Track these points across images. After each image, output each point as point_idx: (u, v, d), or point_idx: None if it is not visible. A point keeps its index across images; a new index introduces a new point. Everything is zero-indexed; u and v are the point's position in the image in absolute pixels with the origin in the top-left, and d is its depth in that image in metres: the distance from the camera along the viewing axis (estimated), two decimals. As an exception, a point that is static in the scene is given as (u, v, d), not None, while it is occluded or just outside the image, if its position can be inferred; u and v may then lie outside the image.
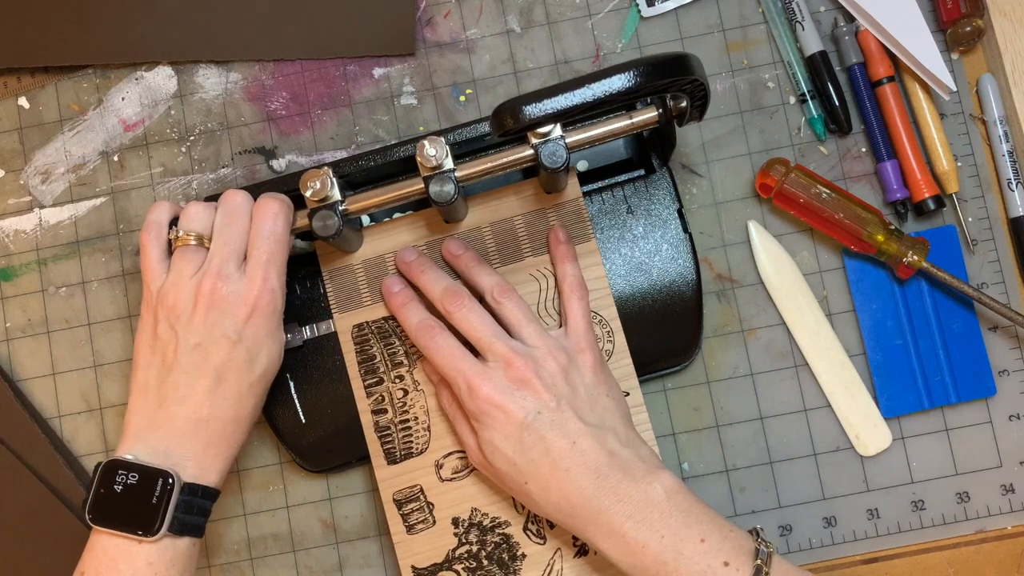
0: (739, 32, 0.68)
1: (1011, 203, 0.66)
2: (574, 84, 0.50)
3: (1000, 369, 0.65)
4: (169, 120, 0.70)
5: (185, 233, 0.58)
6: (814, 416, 0.66)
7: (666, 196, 0.64)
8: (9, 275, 0.70)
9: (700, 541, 0.52)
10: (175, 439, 0.56)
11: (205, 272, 0.57)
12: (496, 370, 0.57)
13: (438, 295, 0.60)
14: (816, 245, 0.67)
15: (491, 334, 0.58)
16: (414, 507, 0.62)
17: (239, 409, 0.57)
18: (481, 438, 0.57)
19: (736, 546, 0.53)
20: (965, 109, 0.67)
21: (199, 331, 0.56)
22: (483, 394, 0.56)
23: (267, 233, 0.58)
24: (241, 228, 0.58)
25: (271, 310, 0.58)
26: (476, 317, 0.59)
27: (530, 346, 0.58)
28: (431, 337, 0.59)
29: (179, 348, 0.56)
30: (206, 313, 0.56)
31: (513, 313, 0.59)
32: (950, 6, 0.66)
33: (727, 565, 0.52)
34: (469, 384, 0.57)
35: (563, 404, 0.56)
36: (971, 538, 0.65)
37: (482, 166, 0.59)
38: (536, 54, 0.69)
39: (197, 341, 0.56)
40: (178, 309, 0.57)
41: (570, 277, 0.61)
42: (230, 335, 0.56)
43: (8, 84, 0.71)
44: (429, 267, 0.62)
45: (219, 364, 0.56)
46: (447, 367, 0.58)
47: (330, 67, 0.70)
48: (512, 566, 0.61)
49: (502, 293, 0.60)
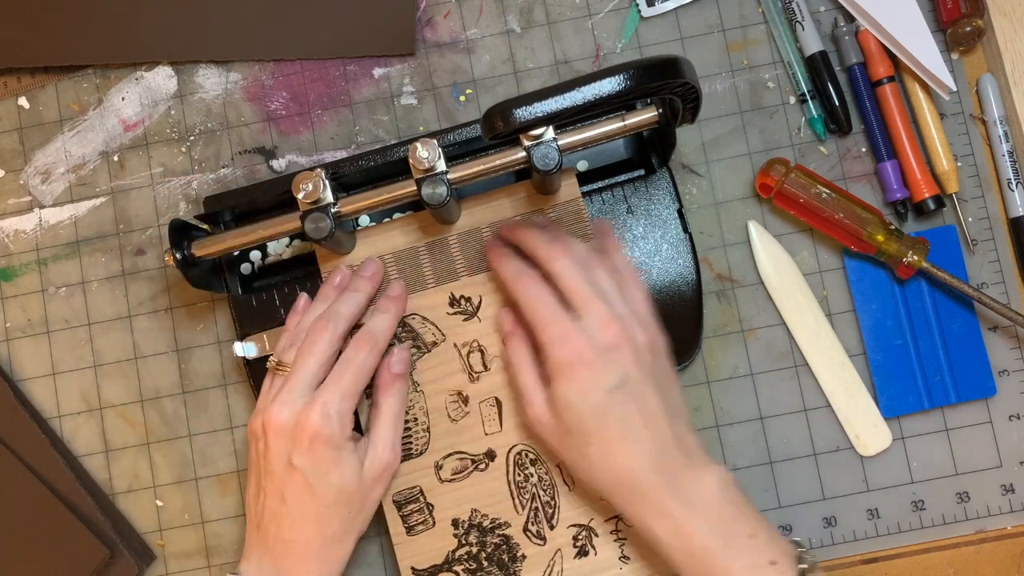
0: (739, 32, 0.68)
1: (1011, 203, 0.66)
2: (564, 87, 0.50)
3: (1000, 369, 0.65)
4: (169, 120, 0.70)
5: (277, 363, 0.60)
6: (814, 416, 0.66)
7: (666, 196, 0.64)
8: (9, 275, 0.70)
9: (749, 536, 0.53)
10: (273, 558, 0.58)
11: (274, 397, 0.58)
12: (591, 328, 0.56)
13: (542, 244, 0.59)
14: (816, 245, 0.67)
15: (592, 291, 0.57)
16: (414, 508, 0.62)
17: (322, 529, 0.57)
18: (556, 391, 0.56)
19: (784, 549, 0.53)
20: (965, 109, 0.67)
21: (268, 457, 0.58)
22: (576, 347, 0.55)
23: (353, 366, 0.58)
24: (323, 355, 0.58)
25: (327, 437, 0.57)
26: (579, 271, 0.58)
27: (622, 314, 0.57)
28: (527, 285, 0.58)
29: (261, 472, 0.59)
30: (271, 439, 0.57)
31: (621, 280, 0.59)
32: (950, 6, 0.66)
33: (773, 564, 0.52)
34: (564, 334, 0.56)
35: (647, 378, 0.56)
36: (971, 538, 0.65)
37: (474, 168, 0.59)
38: (536, 54, 0.69)
39: (267, 467, 0.58)
40: (256, 434, 0.59)
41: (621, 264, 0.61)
42: (286, 462, 0.57)
43: (8, 84, 0.71)
44: (532, 227, 0.61)
45: (282, 489, 0.57)
46: (541, 314, 0.57)
47: (330, 67, 0.70)
48: (512, 567, 0.61)
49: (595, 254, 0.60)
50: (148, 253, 0.69)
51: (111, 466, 0.68)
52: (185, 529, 0.67)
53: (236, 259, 0.67)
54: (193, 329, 0.68)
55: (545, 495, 0.62)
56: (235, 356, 0.65)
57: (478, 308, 0.63)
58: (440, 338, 0.63)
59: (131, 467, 0.68)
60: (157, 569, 0.67)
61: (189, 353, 0.68)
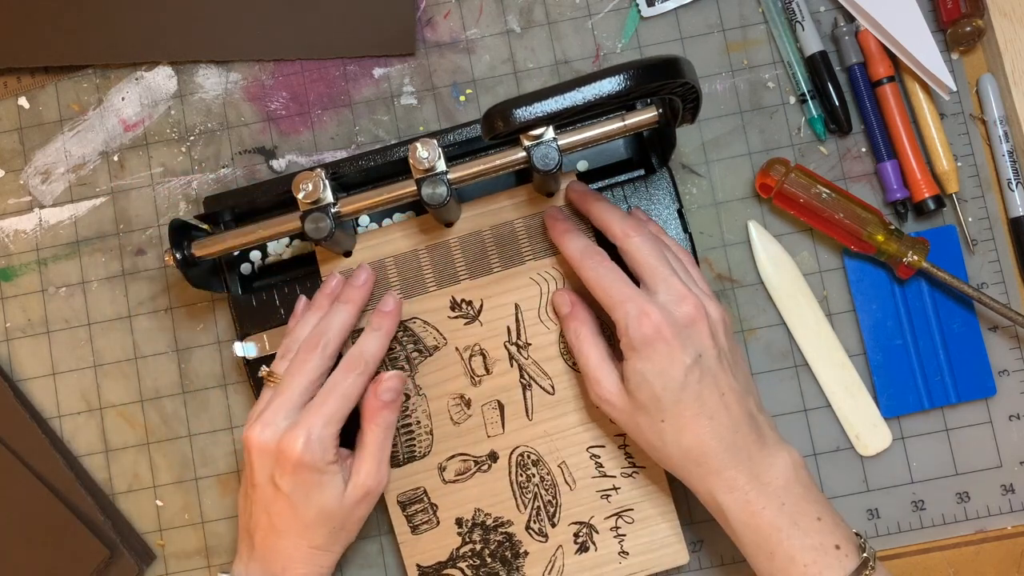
0: (739, 32, 0.68)
1: (1011, 203, 0.66)
2: (564, 87, 0.50)
3: (1000, 369, 0.65)
4: (169, 120, 0.70)
5: (268, 373, 0.60)
6: (814, 416, 0.66)
7: (666, 196, 0.64)
8: (9, 275, 0.69)
9: (816, 519, 0.54)
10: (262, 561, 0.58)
11: (259, 415, 0.58)
12: (668, 303, 0.55)
13: (617, 219, 0.58)
14: (816, 245, 0.67)
15: (668, 267, 0.57)
16: (418, 508, 0.63)
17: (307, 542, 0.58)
18: (631, 368, 0.56)
19: (847, 535, 0.54)
20: (965, 109, 0.67)
21: (253, 472, 0.58)
22: (654, 322, 0.54)
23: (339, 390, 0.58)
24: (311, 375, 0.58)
25: (309, 463, 0.56)
26: (654, 247, 0.57)
27: (695, 290, 0.57)
28: (598, 262, 0.58)
29: (248, 483, 0.59)
30: (255, 457, 0.58)
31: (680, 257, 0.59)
32: (950, 6, 0.66)
33: (838, 548, 0.53)
34: (642, 310, 0.55)
35: (722, 355, 0.56)
36: (971, 538, 0.65)
37: (474, 168, 0.59)
38: (536, 54, 0.69)
39: (253, 481, 0.58)
40: (246, 445, 0.59)
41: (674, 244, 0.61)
42: (270, 480, 0.57)
43: (8, 84, 0.71)
44: (605, 200, 0.61)
45: (267, 504, 0.58)
46: (614, 291, 0.56)
47: (330, 67, 0.70)
48: (515, 563, 0.62)
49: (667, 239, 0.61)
50: (148, 253, 0.69)
51: (111, 466, 0.68)
52: (185, 529, 0.67)
53: (236, 259, 0.67)
54: (193, 329, 0.68)
55: (547, 494, 0.62)
56: (235, 356, 0.66)
57: (479, 312, 0.63)
58: (441, 342, 0.63)
59: (131, 467, 0.68)
60: (157, 569, 0.67)
61: (189, 353, 0.68)
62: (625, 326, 0.55)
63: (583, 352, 0.59)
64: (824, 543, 0.53)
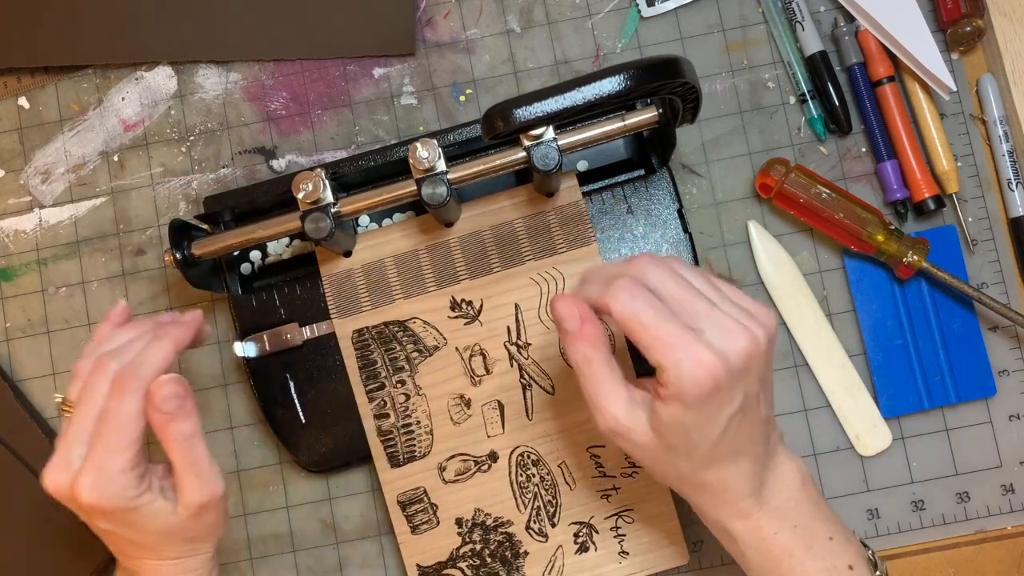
0: (739, 32, 0.68)
1: (1011, 203, 0.66)
2: (564, 87, 0.50)
3: (1000, 369, 0.65)
4: (169, 120, 0.70)
5: (63, 401, 0.53)
6: (814, 416, 0.66)
7: (666, 196, 0.64)
8: (9, 275, 0.69)
9: (828, 539, 0.52)
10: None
11: (53, 453, 0.52)
12: (717, 340, 0.48)
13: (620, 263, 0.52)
14: (816, 245, 0.67)
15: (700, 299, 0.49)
16: (418, 508, 0.63)
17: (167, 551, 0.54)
18: (671, 414, 0.48)
19: (858, 551, 0.53)
20: (965, 109, 0.67)
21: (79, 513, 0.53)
22: (711, 372, 0.47)
23: (113, 420, 0.51)
24: (101, 402, 0.52)
25: (111, 507, 0.51)
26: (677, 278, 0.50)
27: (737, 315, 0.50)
28: (635, 292, 0.48)
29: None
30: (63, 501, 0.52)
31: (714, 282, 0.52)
32: (950, 6, 0.66)
33: (851, 569, 0.51)
34: (696, 357, 0.47)
35: (762, 387, 0.50)
36: (971, 538, 0.65)
37: (474, 168, 0.59)
38: (536, 54, 0.69)
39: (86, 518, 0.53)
40: None
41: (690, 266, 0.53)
42: (92, 523, 0.53)
43: (8, 84, 0.71)
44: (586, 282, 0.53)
45: (107, 539, 0.54)
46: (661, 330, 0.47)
47: (330, 67, 0.70)
48: (515, 563, 0.62)
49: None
50: (148, 253, 0.69)
51: (111, 466, 0.68)
52: (185, 529, 0.67)
53: (236, 259, 0.67)
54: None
55: (547, 495, 0.62)
56: (235, 356, 0.65)
57: (479, 312, 0.63)
58: (442, 342, 0.63)
59: (131, 467, 0.68)
60: (157, 569, 0.67)
61: (189, 353, 0.68)
62: (676, 376, 0.47)
63: (596, 379, 0.51)
64: (837, 565, 0.51)
